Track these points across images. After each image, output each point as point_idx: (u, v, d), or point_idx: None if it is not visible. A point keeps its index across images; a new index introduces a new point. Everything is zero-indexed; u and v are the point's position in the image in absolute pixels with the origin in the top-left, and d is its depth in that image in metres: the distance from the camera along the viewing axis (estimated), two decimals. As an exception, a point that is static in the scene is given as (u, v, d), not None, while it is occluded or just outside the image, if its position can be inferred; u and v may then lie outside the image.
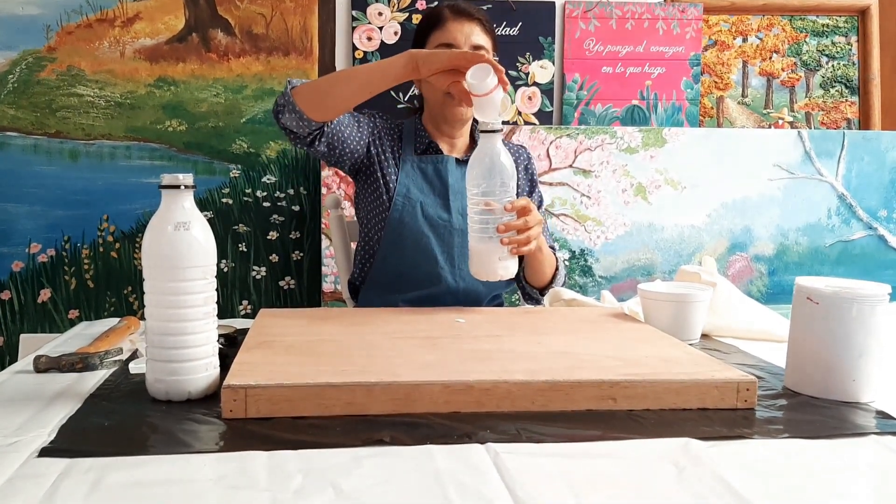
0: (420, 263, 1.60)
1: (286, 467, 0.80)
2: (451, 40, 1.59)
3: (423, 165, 1.64)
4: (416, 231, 1.60)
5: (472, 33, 1.60)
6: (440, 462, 0.82)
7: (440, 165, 1.64)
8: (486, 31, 1.62)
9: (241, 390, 0.94)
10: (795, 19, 2.68)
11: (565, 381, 0.99)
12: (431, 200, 1.62)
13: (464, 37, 1.59)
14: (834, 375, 1.07)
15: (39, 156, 2.41)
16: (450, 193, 1.62)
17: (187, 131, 2.45)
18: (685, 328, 1.37)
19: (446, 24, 1.60)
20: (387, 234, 1.61)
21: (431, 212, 1.61)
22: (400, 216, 1.60)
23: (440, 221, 1.60)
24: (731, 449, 0.88)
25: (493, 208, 1.34)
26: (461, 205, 1.61)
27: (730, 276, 2.52)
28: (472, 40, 1.59)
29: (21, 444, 0.86)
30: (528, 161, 1.78)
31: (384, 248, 1.62)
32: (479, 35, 1.60)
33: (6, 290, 2.42)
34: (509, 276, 1.39)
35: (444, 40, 1.59)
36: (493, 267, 1.37)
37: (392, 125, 1.69)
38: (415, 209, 1.60)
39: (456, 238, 1.60)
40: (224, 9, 2.43)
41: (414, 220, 1.60)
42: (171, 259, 0.99)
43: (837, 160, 2.58)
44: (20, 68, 2.38)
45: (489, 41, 1.63)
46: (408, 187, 1.61)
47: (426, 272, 1.60)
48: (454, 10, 1.62)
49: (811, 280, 1.11)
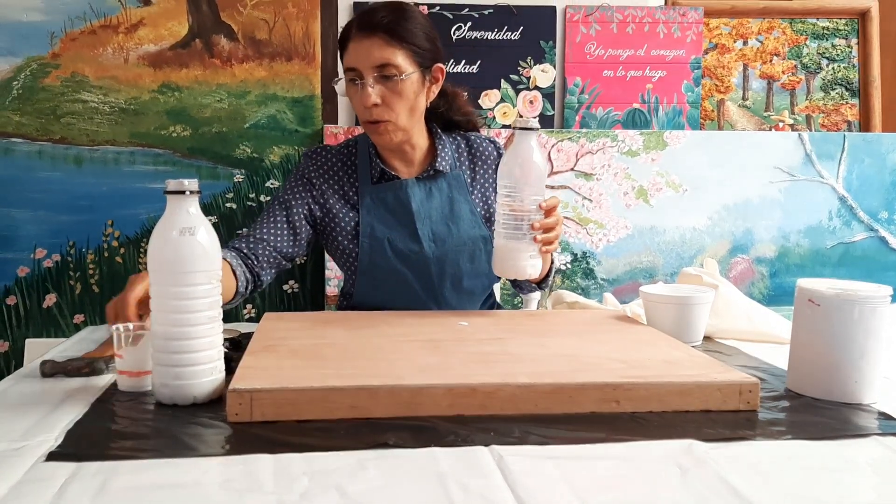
0: (400, 298, 1.54)
1: (291, 470, 0.81)
2: (353, 64, 1.44)
3: (382, 195, 1.53)
4: (390, 269, 1.53)
5: (373, 51, 1.41)
6: (444, 465, 0.83)
7: (400, 192, 1.53)
8: (393, 41, 1.42)
9: (246, 394, 0.94)
10: (796, 22, 2.69)
11: (569, 384, 0.99)
12: (398, 234, 1.52)
13: (364, 57, 1.42)
14: (836, 377, 1.07)
15: (44, 162, 2.42)
16: (416, 221, 1.52)
17: (191, 136, 2.46)
18: (687, 330, 1.37)
19: (349, 43, 1.45)
20: (360, 276, 1.55)
21: (401, 246, 1.52)
22: (370, 258, 1.53)
23: (411, 254, 1.52)
24: (734, 451, 0.89)
25: (526, 207, 1.32)
26: (429, 230, 1.53)
27: (731, 279, 2.53)
28: (373, 60, 1.42)
29: (28, 448, 0.86)
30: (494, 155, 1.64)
31: (360, 290, 1.56)
32: (382, 50, 1.42)
33: (12, 295, 2.43)
34: (536, 274, 1.37)
35: (348, 64, 1.45)
36: (523, 264, 1.35)
37: (339, 157, 1.58)
38: (383, 247, 1.52)
39: (432, 266, 1.53)
40: (227, 15, 2.44)
41: (384, 258, 1.52)
42: (176, 264, 1.00)
43: (838, 162, 2.58)
44: (24, 75, 2.39)
45: (401, 52, 1.43)
46: (371, 225, 1.53)
47: (409, 306, 1.53)
48: (358, 25, 1.44)
49: (813, 282, 1.11)
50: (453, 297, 1.57)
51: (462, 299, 1.58)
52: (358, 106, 1.47)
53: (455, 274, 1.55)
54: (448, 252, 1.53)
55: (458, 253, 1.54)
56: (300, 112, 2.49)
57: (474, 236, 1.55)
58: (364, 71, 1.43)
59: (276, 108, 2.48)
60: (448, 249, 1.53)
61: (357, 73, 1.44)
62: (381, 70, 1.42)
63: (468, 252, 1.55)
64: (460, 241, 1.54)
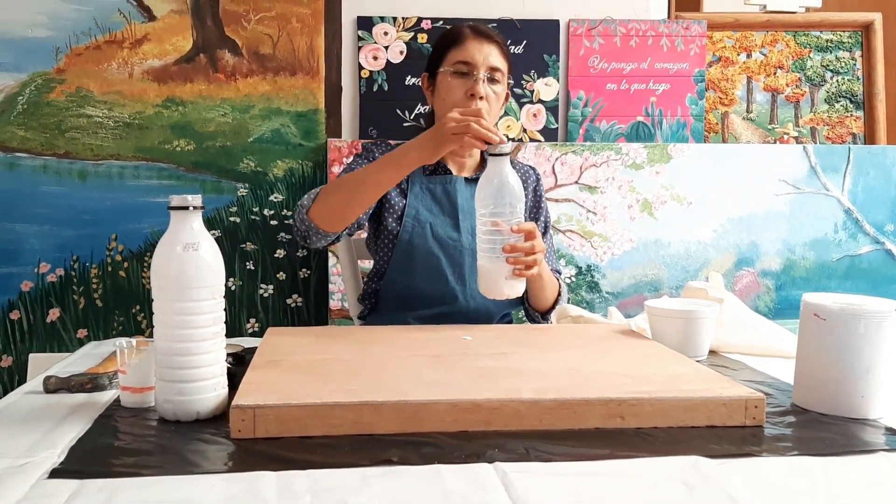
0: (430, 283, 1.61)
1: (295, 487, 0.81)
2: (469, 58, 1.59)
3: (431, 186, 1.65)
4: (426, 251, 1.61)
5: (490, 55, 1.60)
6: (449, 482, 0.82)
7: (449, 186, 1.65)
8: (503, 54, 1.63)
9: (249, 410, 0.94)
10: (799, 35, 2.69)
11: (573, 400, 0.99)
12: (441, 221, 1.63)
13: (482, 56, 1.59)
14: (842, 392, 1.07)
15: (49, 176, 2.42)
16: (459, 213, 1.64)
17: (195, 151, 2.47)
18: (693, 344, 1.37)
19: (465, 42, 1.61)
20: (396, 255, 1.62)
21: (441, 232, 1.62)
22: (410, 238, 1.61)
23: (450, 241, 1.62)
24: (740, 467, 0.88)
25: (501, 229, 1.35)
26: (471, 224, 1.61)
27: (737, 292, 2.52)
28: (489, 61, 1.60)
29: (31, 465, 0.86)
30: (536, 182, 1.78)
31: (394, 268, 1.63)
32: (496, 57, 1.61)
33: (16, 309, 2.43)
34: (515, 294, 1.40)
35: (463, 58, 1.60)
36: (500, 285, 1.38)
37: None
38: (424, 230, 1.61)
39: (466, 257, 1.61)
40: (231, 30, 2.45)
41: (424, 240, 1.61)
42: (180, 280, 1.00)
43: (843, 175, 2.58)
44: (30, 90, 2.40)
45: (505, 64, 1.64)
46: (417, 209, 1.63)
47: (437, 291, 1.61)
48: (474, 30, 1.63)
49: (818, 296, 1.11)
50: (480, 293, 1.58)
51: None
52: (459, 95, 1.59)
53: None
54: None
55: None
56: (304, 126, 2.50)
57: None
58: (480, 67, 1.59)
59: (280, 122, 2.49)
60: None
61: (472, 67, 1.59)
62: (493, 72, 1.60)
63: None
64: None
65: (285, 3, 2.47)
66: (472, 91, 1.58)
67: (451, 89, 1.61)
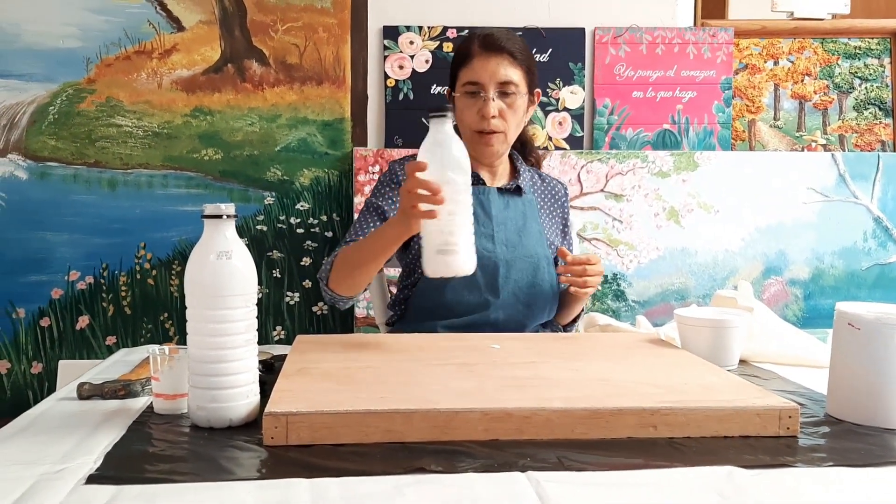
0: (463, 294, 1.60)
1: (328, 495, 0.81)
2: (476, 78, 1.60)
3: None
4: None
5: (499, 69, 1.59)
6: (481, 491, 0.82)
7: (483, 197, 1.64)
8: (515, 62, 1.61)
9: (282, 417, 0.95)
10: (827, 42, 2.67)
11: (606, 409, 0.98)
12: (476, 232, 1.60)
13: (489, 74, 1.59)
14: (877, 402, 1.06)
15: (79, 185, 2.45)
16: (494, 224, 1.63)
17: (223, 160, 2.49)
18: (723, 354, 1.36)
19: (473, 60, 1.61)
20: None
21: (476, 244, 1.59)
22: None
23: (484, 252, 1.59)
24: (774, 477, 0.87)
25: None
26: (504, 236, 1.62)
27: (765, 301, 2.50)
28: (498, 76, 1.59)
29: (68, 471, 0.87)
30: (565, 198, 1.79)
31: (427, 280, 1.57)
32: (507, 69, 1.59)
33: (46, 316, 2.46)
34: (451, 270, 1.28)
35: (470, 78, 1.60)
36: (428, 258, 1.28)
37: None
38: None
39: (501, 268, 1.60)
40: (259, 40, 2.48)
41: None
42: (214, 288, 1.01)
43: (873, 183, 2.55)
44: (60, 100, 2.44)
45: (519, 72, 1.61)
46: None
47: (469, 302, 1.60)
48: (482, 45, 1.61)
49: (852, 306, 1.10)
50: (510, 299, 1.61)
51: (518, 307, 1.62)
52: (472, 116, 1.61)
53: (518, 280, 1.61)
54: (517, 259, 1.62)
55: (525, 261, 1.62)
56: (330, 135, 2.51)
57: (539, 252, 1.65)
58: (488, 86, 1.59)
59: (307, 131, 2.50)
60: (517, 256, 1.62)
61: (480, 87, 1.60)
62: (503, 87, 1.59)
63: (533, 263, 1.63)
64: (528, 251, 1.63)
65: (312, 14, 2.48)
66: (482, 112, 1.59)
67: (464, 111, 1.62)
